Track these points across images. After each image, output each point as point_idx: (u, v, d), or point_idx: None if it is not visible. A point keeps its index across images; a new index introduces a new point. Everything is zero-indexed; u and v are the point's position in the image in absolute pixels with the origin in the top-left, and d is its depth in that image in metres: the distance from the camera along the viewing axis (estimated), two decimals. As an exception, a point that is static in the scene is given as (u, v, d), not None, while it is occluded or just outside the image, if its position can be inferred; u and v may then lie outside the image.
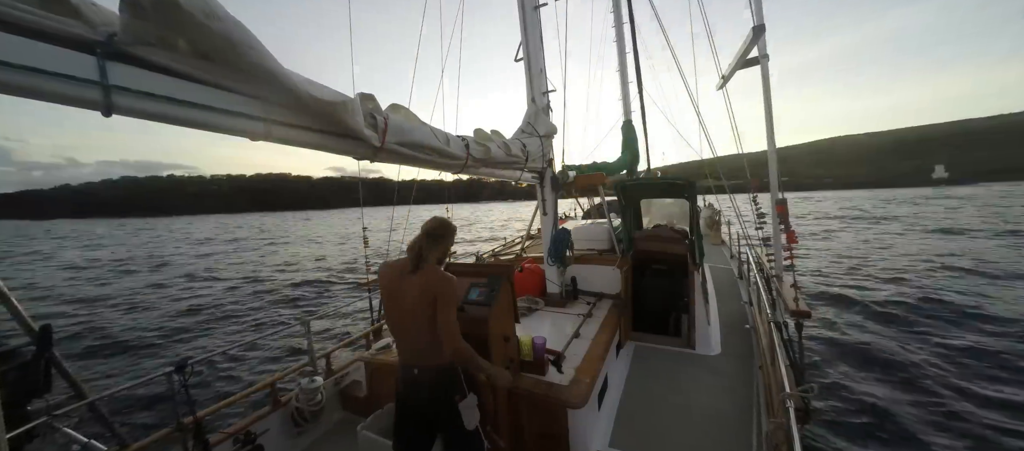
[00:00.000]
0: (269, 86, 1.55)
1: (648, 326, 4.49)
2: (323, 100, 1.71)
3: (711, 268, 6.80)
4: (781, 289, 3.42)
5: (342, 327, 9.03)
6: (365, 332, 4.40)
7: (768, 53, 3.72)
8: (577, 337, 3.32)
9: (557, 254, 4.31)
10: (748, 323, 4.58)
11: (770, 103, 3.64)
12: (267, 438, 3.01)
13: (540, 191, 4.60)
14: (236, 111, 1.51)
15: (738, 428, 2.93)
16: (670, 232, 4.75)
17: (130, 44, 1.21)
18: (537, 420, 2.63)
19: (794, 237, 3.18)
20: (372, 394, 3.55)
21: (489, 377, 2.15)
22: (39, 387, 2.36)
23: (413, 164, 2.56)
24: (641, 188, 5.27)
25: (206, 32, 1.27)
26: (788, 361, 3.03)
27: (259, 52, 1.43)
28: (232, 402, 3.06)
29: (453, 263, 3.09)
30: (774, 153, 3.64)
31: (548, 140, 4.40)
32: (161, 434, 2.60)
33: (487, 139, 3.20)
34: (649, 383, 3.61)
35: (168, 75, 1.32)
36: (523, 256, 5.72)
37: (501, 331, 2.57)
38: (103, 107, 1.19)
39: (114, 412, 5.55)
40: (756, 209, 3.81)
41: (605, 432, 2.95)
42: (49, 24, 1.09)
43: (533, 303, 4.27)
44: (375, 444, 2.69)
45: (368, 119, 2.02)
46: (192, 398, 2.65)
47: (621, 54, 10.02)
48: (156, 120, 1.34)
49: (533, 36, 4.40)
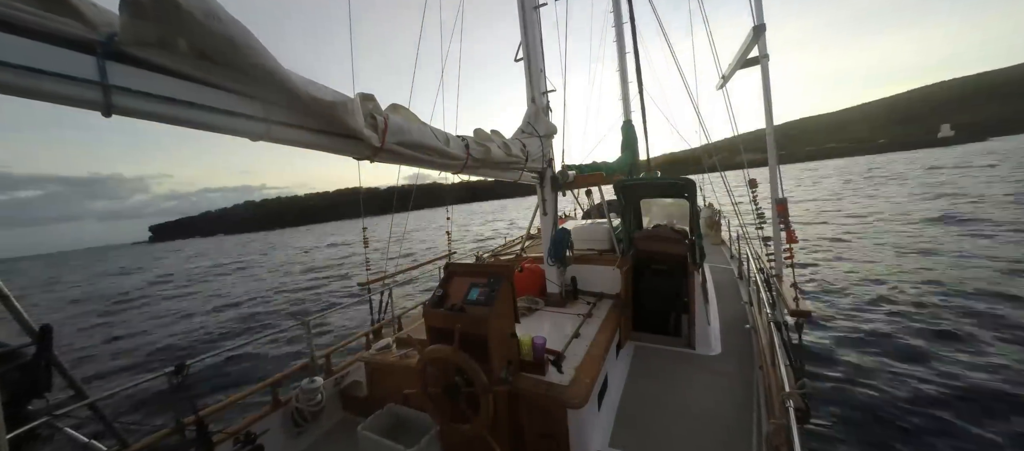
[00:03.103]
0: (269, 86, 1.55)
1: (648, 326, 4.49)
2: (323, 100, 1.71)
3: (711, 268, 6.80)
4: (781, 289, 3.42)
5: (342, 327, 9.03)
6: (365, 332, 4.40)
7: (768, 53, 3.72)
8: (577, 337, 3.32)
9: (557, 254, 4.31)
10: (748, 323, 4.58)
11: (770, 103, 3.64)
12: (267, 438, 3.01)
13: (540, 191, 4.60)
14: (236, 111, 1.51)
15: (738, 428, 2.93)
16: (670, 232, 4.75)
17: (130, 44, 1.22)
18: (537, 420, 2.63)
19: (794, 236, 3.18)
20: (372, 394, 3.55)
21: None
22: (39, 387, 2.36)
23: (413, 164, 2.56)
24: (641, 188, 5.27)
25: (206, 32, 1.28)
26: (788, 361, 3.03)
27: (259, 52, 1.43)
28: (232, 402, 3.06)
29: (453, 263, 3.09)
30: (774, 153, 3.63)
31: (548, 140, 4.40)
32: (161, 434, 2.60)
33: (487, 139, 3.20)
34: (649, 383, 3.61)
35: (168, 75, 1.32)
36: (523, 256, 5.72)
37: (501, 331, 2.57)
38: (103, 107, 1.19)
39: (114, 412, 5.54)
40: (756, 210, 3.81)
41: (605, 432, 2.95)
42: (49, 24, 1.09)
43: (533, 303, 4.27)
44: (375, 444, 2.69)
45: (368, 119, 2.02)
46: (193, 398, 2.65)
47: (621, 54, 10.01)
48: (156, 120, 1.34)
49: (533, 36, 4.40)
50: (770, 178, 3.60)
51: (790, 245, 3.21)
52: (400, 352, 3.56)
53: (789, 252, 3.26)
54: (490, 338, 2.44)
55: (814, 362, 6.59)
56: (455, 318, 2.49)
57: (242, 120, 1.55)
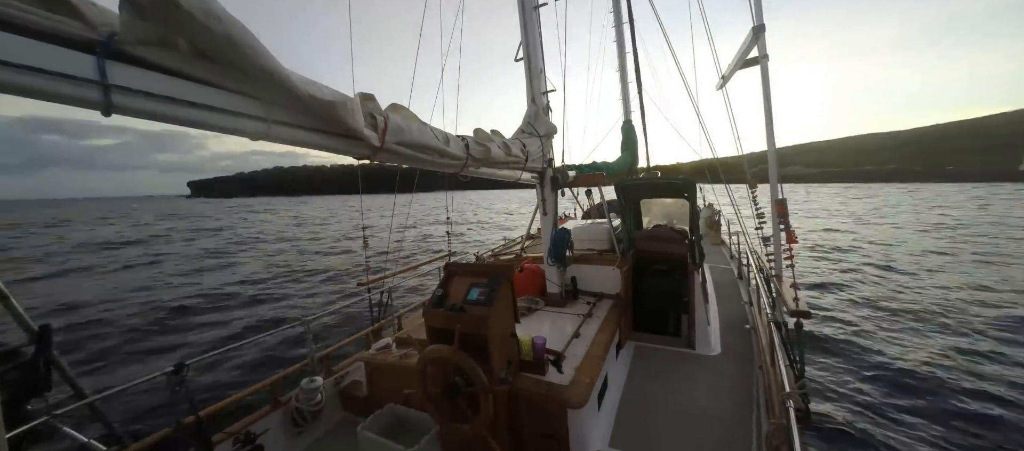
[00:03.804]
0: (269, 86, 1.55)
1: (648, 326, 4.49)
2: (323, 100, 1.71)
3: (711, 268, 6.80)
4: (781, 289, 3.42)
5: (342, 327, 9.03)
6: (365, 332, 4.40)
7: (768, 53, 3.72)
8: (577, 337, 3.32)
9: (557, 254, 4.30)
10: (748, 323, 4.58)
11: (770, 103, 3.64)
12: (267, 438, 3.01)
13: (540, 191, 4.60)
14: (236, 111, 1.51)
15: (738, 428, 2.93)
16: (670, 232, 4.75)
17: (130, 44, 1.21)
18: (537, 420, 2.63)
19: (794, 237, 3.18)
20: (372, 394, 3.55)
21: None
22: (39, 387, 2.35)
23: (413, 164, 2.56)
24: (641, 188, 5.27)
25: (206, 32, 1.28)
26: (788, 361, 3.03)
27: (259, 52, 1.43)
28: (232, 402, 3.06)
29: (453, 263, 3.09)
30: (774, 153, 3.63)
31: (548, 140, 4.40)
32: (161, 434, 2.60)
33: (487, 139, 3.20)
34: (649, 383, 3.61)
35: (168, 75, 1.32)
36: (523, 256, 5.72)
37: (501, 331, 2.57)
38: (103, 107, 1.19)
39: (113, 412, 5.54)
40: (756, 210, 3.81)
41: (605, 432, 2.95)
42: (49, 24, 1.09)
43: (533, 303, 4.27)
44: (375, 444, 2.69)
45: (368, 119, 2.02)
46: (192, 398, 2.65)
47: (621, 54, 10.01)
48: (156, 120, 1.34)
49: (533, 36, 4.40)
50: (770, 178, 3.60)
51: (790, 245, 3.21)
52: (400, 352, 3.56)
53: (789, 252, 3.26)
54: (490, 338, 2.44)
55: (815, 362, 6.59)
56: (455, 318, 2.49)
57: (242, 119, 1.54)
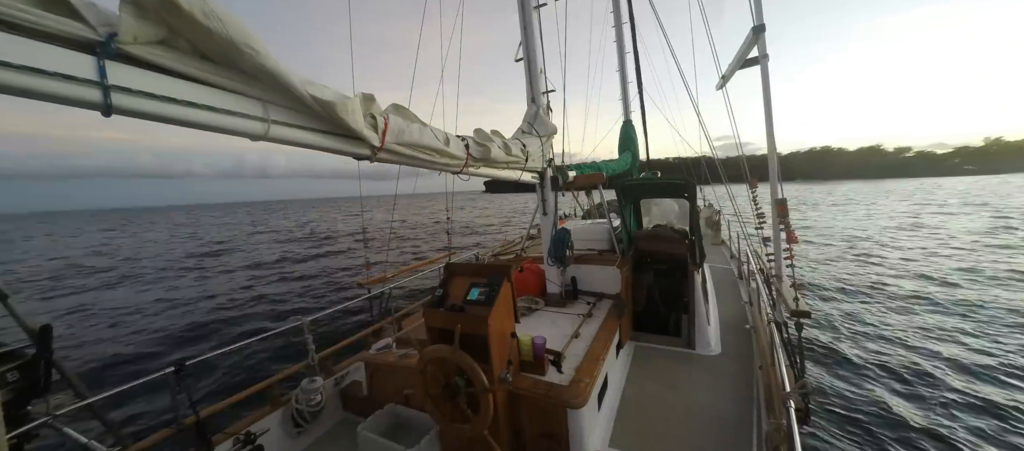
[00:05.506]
0: (269, 86, 1.55)
1: (648, 326, 4.49)
2: (323, 100, 1.71)
3: (711, 268, 6.80)
4: (781, 289, 3.42)
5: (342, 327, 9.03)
6: (365, 332, 4.40)
7: (768, 53, 3.72)
8: (577, 337, 3.32)
9: (557, 254, 4.30)
10: (748, 323, 4.58)
11: (769, 103, 3.63)
12: (267, 438, 3.01)
13: (540, 191, 4.60)
14: (236, 111, 1.51)
15: (738, 428, 2.93)
16: (670, 232, 4.75)
17: (130, 44, 1.21)
18: (537, 420, 2.63)
19: (794, 237, 3.18)
20: (372, 394, 3.55)
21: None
22: (39, 387, 2.36)
23: (413, 164, 2.55)
24: (641, 188, 5.27)
25: (206, 32, 1.27)
26: (788, 361, 3.03)
27: (259, 52, 1.43)
28: (232, 402, 3.06)
29: (453, 263, 3.09)
30: (774, 153, 3.63)
31: (548, 140, 4.40)
32: (161, 434, 2.60)
33: (487, 139, 3.20)
34: (649, 383, 3.61)
35: (168, 75, 1.32)
36: (523, 256, 5.72)
37: (501, 331, 2.57)
38: (103, 107, 1.19)
39: (114, 412, 5.54)
40: (756, 210, 3.81)
41: (605, 432, 2.95)
42: (49, 24, 1.09)
43: (533, 303, 4.27)
44: (375, 444, 2.69)
45: (368, 119, 2.02)
46: (193, 398, 2.65)
47: (621, 54, 10.01)
48: (156, 120, 1.34)
49: (533, 36, 4.41)
50: (770, 178, 3.60)
51: (790, 245, 3.21)
52: (400, 352, 3.56)
53: (789, 252, 3.26)
54: (490, 338, 2.44)
55: (815, 362, 6.60)
56: (455, 318, 2.49)
57: (242, 120, 1.54)
